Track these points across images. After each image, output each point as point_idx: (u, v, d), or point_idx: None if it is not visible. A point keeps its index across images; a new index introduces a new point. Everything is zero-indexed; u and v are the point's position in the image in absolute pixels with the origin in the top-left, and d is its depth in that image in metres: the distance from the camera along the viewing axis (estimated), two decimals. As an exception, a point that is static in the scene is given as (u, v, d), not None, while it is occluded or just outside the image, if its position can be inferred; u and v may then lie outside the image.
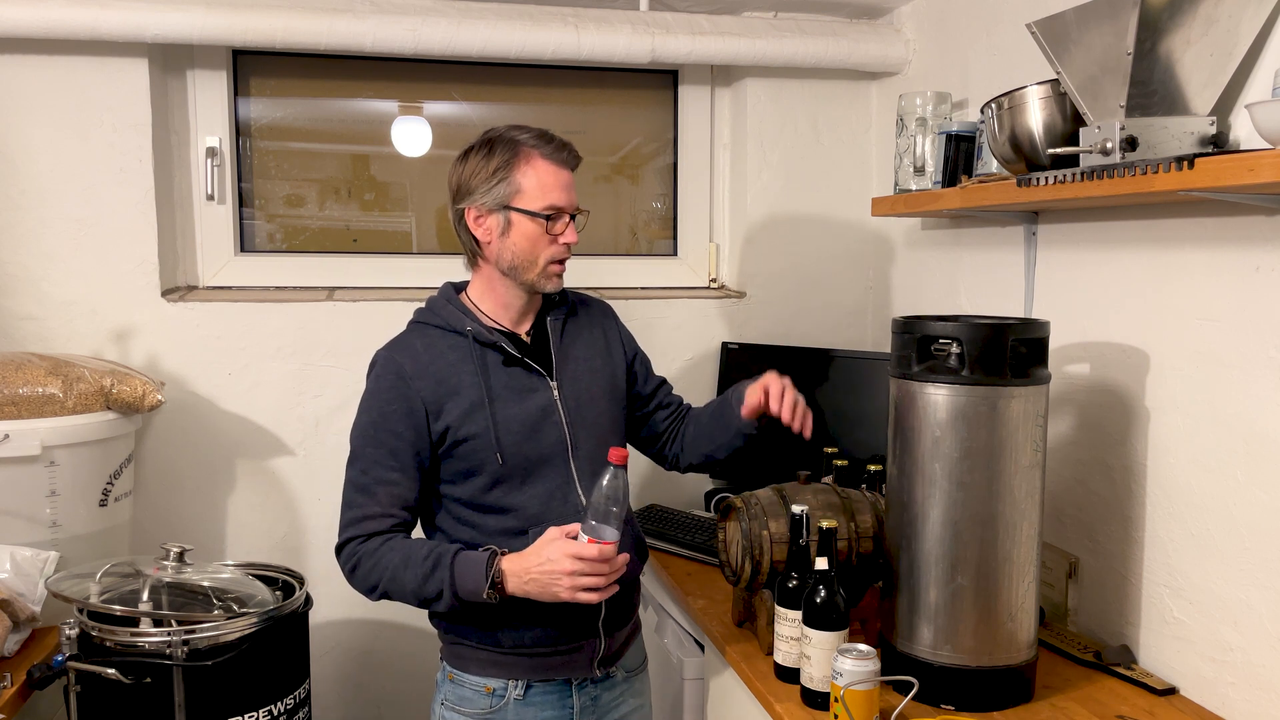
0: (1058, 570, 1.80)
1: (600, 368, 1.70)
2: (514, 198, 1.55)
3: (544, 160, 1.56)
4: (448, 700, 1.64)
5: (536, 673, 1.61)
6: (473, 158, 1.58)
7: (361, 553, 1.52)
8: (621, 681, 1.71)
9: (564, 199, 1.57)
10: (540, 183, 1.55)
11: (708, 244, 2.76)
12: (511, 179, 1.55)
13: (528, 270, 1.59)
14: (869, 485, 1.84)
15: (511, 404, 1.58)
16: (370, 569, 1.51)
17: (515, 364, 1.61)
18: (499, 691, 1.60)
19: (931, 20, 2.36)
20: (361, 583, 1.53)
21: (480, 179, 1.56)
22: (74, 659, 1.65)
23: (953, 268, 2.24)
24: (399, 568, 1.49)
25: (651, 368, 1.85)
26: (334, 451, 2.43)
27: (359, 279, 2.55)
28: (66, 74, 2.22)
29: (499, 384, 1.59)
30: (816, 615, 1.49)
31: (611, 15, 2.33)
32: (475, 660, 1.61)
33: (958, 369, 1.46)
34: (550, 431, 1.60)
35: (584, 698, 1.65)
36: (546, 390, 1.62)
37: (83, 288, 2.27)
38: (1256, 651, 1.45)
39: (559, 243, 1.59)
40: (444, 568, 1.47)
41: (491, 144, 1.57)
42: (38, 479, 1.87)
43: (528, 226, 1.56)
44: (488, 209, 1.57)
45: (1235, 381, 1.48)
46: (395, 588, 1.50)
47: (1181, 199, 1.47)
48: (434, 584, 1.47)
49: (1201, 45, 1.37)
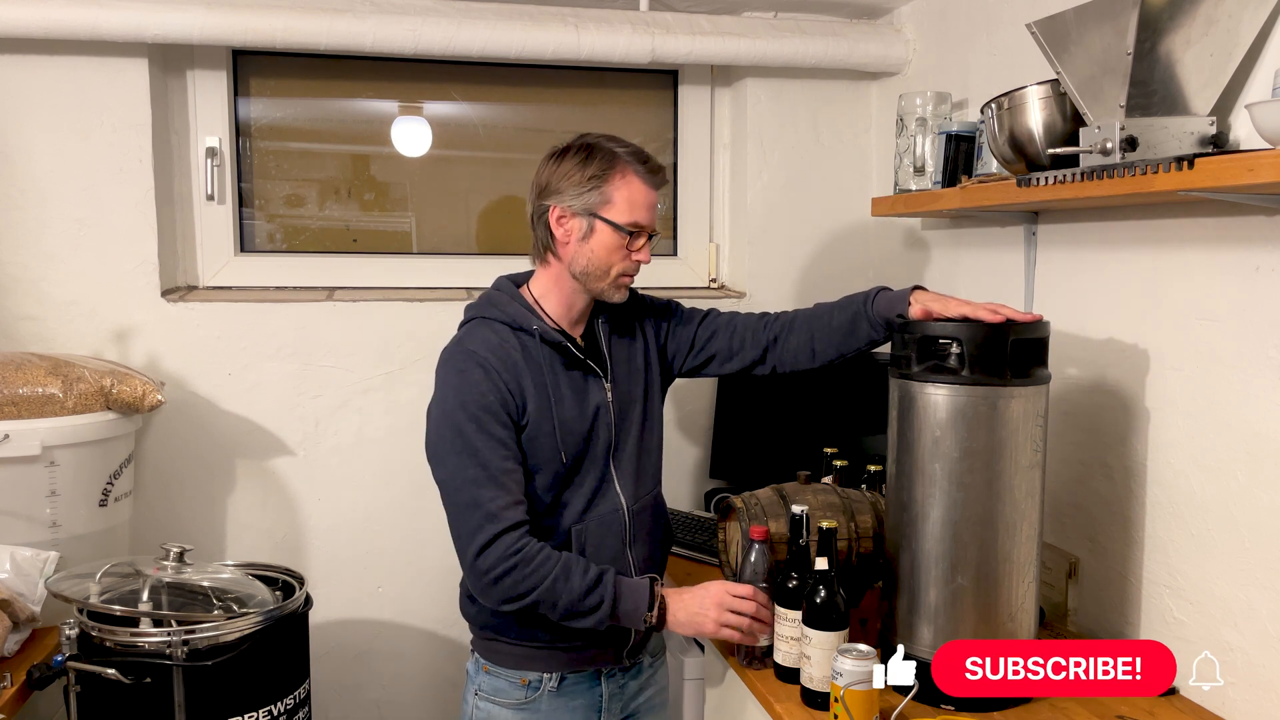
0: (1058, 570, 1.80)
1: (640, 367, 1.73)
2: (603, 207, 1.58)
3: (638, 178, 1.59)
4: (483, 690, 1.67)
5: (570, 665, 1.65)
6: (569, 159, 1.60)
7: (521, 556, 1.49)
8: (647, 668, 1.76)
9: (648, 219, 1.61)
10: (631, 199, 1.58)
11: (708, 244, 2.76)
12: (604, 189, 1.58)
13: (599, 279, 1.62)
14: (869, 485, 1.84)
15: (572, 404, 1.61)
16: (528, 574, 1.50)
17: (575, 365, 1.64)
18: (534, 684, 1.64)
19: (931, 20, 2.36)
20: (511, 589, 1.50)
21: (573, 181, 1.58)
22: (74, 659, 1.65)
23: (953, 268, 2.24)
24: (560, 577, 1.50)
25: (689, 312, 1.82)
26: (334, 451, 2.43)
27: (359, 279, 2.55)
28: (66, 74, 2.22)
29: (562, 384, 1.62)
30: (816, 615, 1.49)
31: (611, 15, 2.33)
32: (510, 655, 1.65)
33: (958, 369, 1.46)
34: (602, 432, 1.64)
35: (612, 685, 1.70)
36: (601, 391, 1.66)
37: (83, 288, 2.27)
38: (1256, 651, 1.45)
39: (633, 259, 1.62)
40: (607, 586, 1.52)
41: (590, 150, 1.60)
42: (38, 479, 1.86)
43: (609, 237, 1.59)
44: (574, 212, 1.59)
45: (1235, 381, 1.48)
46: (549, 596, 1.50)
47: (1181, 199, 1.47)
48: (595, 598, 1.51)
49: (1201, 45, 1.37)
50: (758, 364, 1.78)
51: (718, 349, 1.78)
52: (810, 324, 1.75)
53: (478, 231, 2.70)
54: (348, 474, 2.44)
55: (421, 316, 2.44)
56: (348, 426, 2.44)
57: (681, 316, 1.81)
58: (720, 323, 1.80)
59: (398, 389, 2.44)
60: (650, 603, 1.54)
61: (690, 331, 1.79)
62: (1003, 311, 1.47)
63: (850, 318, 1.70)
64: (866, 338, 1.69)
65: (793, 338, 1.75)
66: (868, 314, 1.67)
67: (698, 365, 1.80)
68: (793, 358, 1.76)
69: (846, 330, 1.70)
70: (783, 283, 2.64)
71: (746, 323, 1.79)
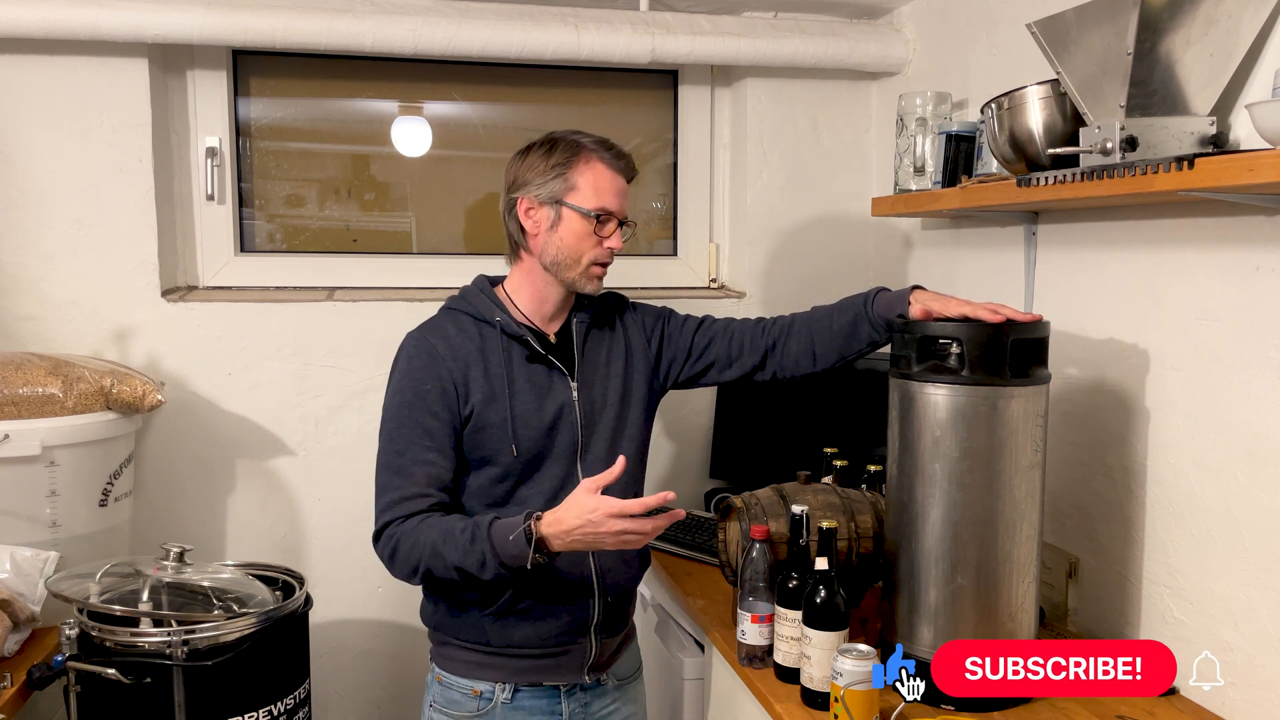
0: (1058, 570, 1.80)
1: (618, 372, 1.70)
2: (568, 194, 1.59)
3: (602, 164, 1.60)
4: (436, 702, 1.66)
5: (524, 676, 1.62)
6: (533, 153, 1.62)
7: (400, 534, 1.50)
8: (613, 689, 1.72)
9: (615, 204, 1.61)
10: (595, 184, 1.59)
11: (708, 244, 2.76)
12: (568, 176, 1.59)
13: (570, 268, 1.61)
14: (869, 485, 1.84)
15: (530, 399, 1.60)
16: (410, 549, 1.49)
17: (538, 360, 1.63)
18: (486, 695, 1.61)
19: (931, 20, 2.36)
20: (402, 566, 1.51)
21: (537, 172, 1.60)
22: (74, 659, 1.65)
23: (953, 268, 2.24)
24: (438, 543, 1.47)
25: (684, 319, 1.81)
26: (334, 451, 2.43)
27: (359, 279, 2.55)
28: (66, 74, 2.22)
29: (521, 377, 1.61)
30: (816, 615, 1.49)
31: (611, 15, 2.33)
32: (463, 661, 1.63)
33: (958, 369, 1.46)
34: (564, 431, 1.62)
35: (574, 704, 1.66)
36: (565, 390, 1.64)
37: (83, 288, 2.27)
38: (1256, 651, 1.45)
39: (603, 246, 1.61)
40: (482, 539, 1.45)
41: (554, 142, 1.61)
42: (38, 479, 1.86)
43: (576, 224, 1.59)
44: (540, 201, 1.60)
45: (1235, 381, 1.48)
46: (437, 563, 1.48)
47: (1181, 199, 1.47)
48: (474, 555, 1.45)
49: (1201, 45, 1.37)
50: (758, 370, 1.77)
51: (716, 356, 1.77)
52: (810, 328, 1.74)
53: (478, 231, 2.70)
54: (348, 474, 2.43)
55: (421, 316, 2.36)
56: (348, 426, 2.43)
57: (676, 323, 1.80)
58: (717, 329, 1.79)
59: (398, 389, 2.44)
60: (530, 544, 1.43)
61: (687, 339, 1.78)
62: (1002, 311, 1.47)
63: (850, 320, 1.70)
64: (868, 339, 1.69)
65: (792, 343, 1.74)
66: (868, 315, 1.67)
67: (696, 373, 1.79)
68: (793, 362, 1.75)
69: (847, 333, 1.70)
70: (783, 283, 2.64)
71: (744, 329, 1.78)
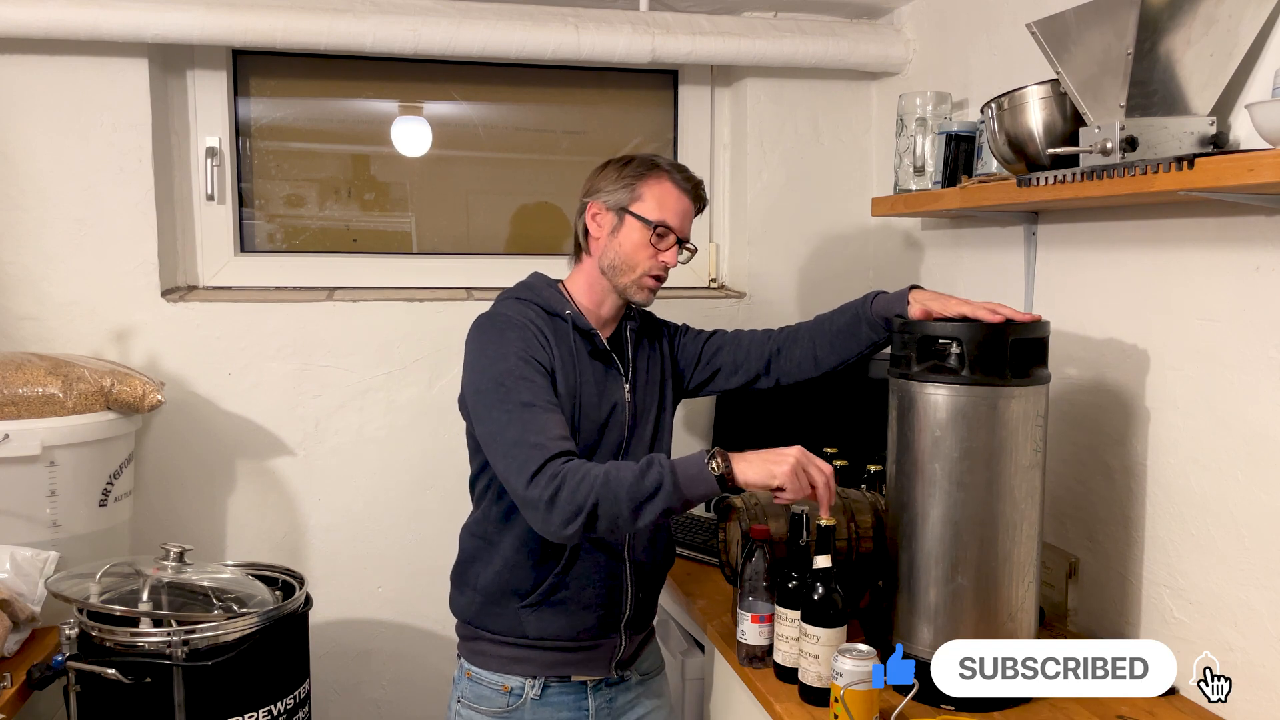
0: (1058, 570, 1.80)
1: (657, 379, 1.76)
2: (633, 203, 1.65)
3: (671, 183, 1.66)
4: (465, 698, 1.67)
5: (555, 669, 1.64)
6: (611, 165, 1.69)
7: (565, 471, 1.42)
8: (636, 684, 1.75)
9: (677, 222, 1.66)
10: (661, 198, 1.64)
11: (708, 244, 2.76)
12: (636, 187, 1.65)
13: (624, 274, 1.65)
14: (869, 485, 1.84)
15: (593, 392, 1.64)
16: (578, 485, 1.41)
17: (599, 357, 1.67)
18: (516, 690, 1.63)
19: (931, 20, 2.36)
20: (567, 504, 1.41)
21: (609, 181, 1.67)
22: (74, 659, 1.65)
23: (953, 268, 2.24)
24: (610, 472, 1.42)
25: (695, 332, 1.86)
26: (334, 451, 2.43)
27: (359, 279, 2.55)
28: (66, 74, 2.22)
29: (585, 371, 1.64)
30: (815, 612, 1.49)
31: (611, 15, 2.33)
32: (495, 656, 1.64)
33: (958, 369, 1.46)
34: (614, 429, 1.66)
35: (599, 699, 1.69)
36: (620, 390, 1.68)
37: (83, 288, 2.27)
38: (1257, 651, 1.45)
39: (659, 259, 1.65)
40: (657, 464, 1.42)
41: (632, 159, 1.68)
42: (38, 479, 1.86)
43: (636, 233, 1.64)
44: (607, 207, 1.66)
45: (1235, 381, 1.48)
46: (607, 493, 1.40)
47: (1181, 199, 1.47)
48: (651, 478, 1.41)
49: (1201, 45, 1.37)
50: (761, 376, 1.81)
51: (722, 363, 1.82)
52: (812, 333, 1.79)
53: (478, 232, 2.70)
54: (348, 474, 2.44)
55: (421, 316, 2.44)
56: (348, 426, 2.43)
57: (690, 334, 1.86)
58: (726, 339, 1.84)
59: (397, 389, 2.44)
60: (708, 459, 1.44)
61: (697, 347, 1.83)
62: (1002, 311, 1.48)
63: (850, 320, 1.73)
64: (868, 339, 1.71)
65: (795, 349, 1.78)
66: (867, 315, 1.69)
67: (704, 380, 1.83)
68: (795, 368, 1.78)
69: (847, 334, 1.73)
70: (783, 283, 2.64)
71: (752, 338, 1.83)
